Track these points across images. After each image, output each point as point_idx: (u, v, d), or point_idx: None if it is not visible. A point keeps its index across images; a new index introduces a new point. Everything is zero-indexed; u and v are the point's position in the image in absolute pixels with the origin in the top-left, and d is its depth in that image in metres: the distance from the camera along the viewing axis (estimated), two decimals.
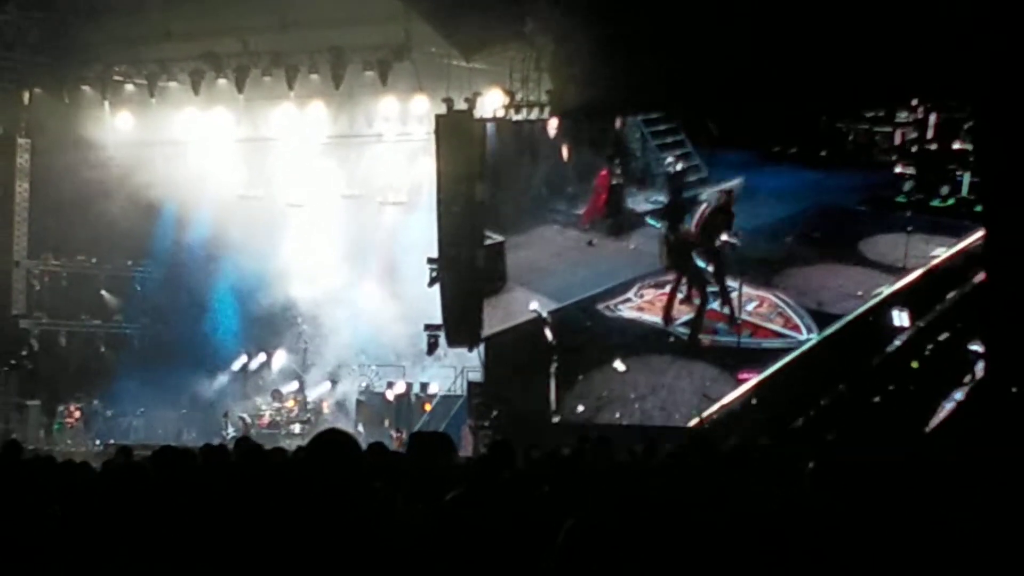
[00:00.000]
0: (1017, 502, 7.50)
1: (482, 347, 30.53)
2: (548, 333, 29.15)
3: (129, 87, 38.60)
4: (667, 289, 28.56)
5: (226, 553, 7.27)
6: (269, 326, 39.29)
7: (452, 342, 32.13)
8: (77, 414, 36.92)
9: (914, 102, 26.17)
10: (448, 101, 32.24)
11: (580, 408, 28.88)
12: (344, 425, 33.76)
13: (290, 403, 37.67)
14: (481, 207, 30.39)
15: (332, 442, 6.40)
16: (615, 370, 28.69)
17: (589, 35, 28.00)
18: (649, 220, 28.93)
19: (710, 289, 28.13)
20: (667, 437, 17.09)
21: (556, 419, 28.99)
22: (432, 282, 31.76)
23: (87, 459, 14.79)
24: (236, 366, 39.26)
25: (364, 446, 9.24)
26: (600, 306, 29.25)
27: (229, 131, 38.71)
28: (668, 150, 28.68)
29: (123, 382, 37.77)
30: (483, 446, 25.83)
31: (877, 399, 25.14)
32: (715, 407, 27.17)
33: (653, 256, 28.79)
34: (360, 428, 34.64)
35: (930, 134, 26.01)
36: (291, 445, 23.19)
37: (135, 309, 39.99)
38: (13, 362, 37.59)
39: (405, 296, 35.99)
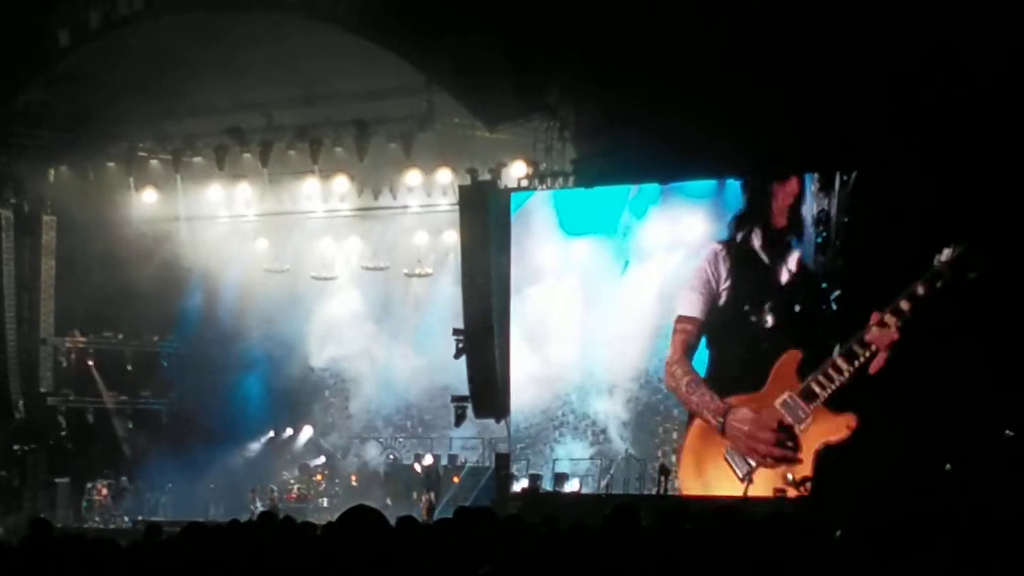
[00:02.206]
0: None
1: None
2: None
3: (154, 163, 38.76)
4: None
5: None
6: (296, 400, 39.23)
7: (480, 414, 32.06)
8: (104, 491, 36.80)
9: None
10: (472, 172, 32.35)
11: None
12: (373, 498, 33.64)
13: (318, 477, 37.55)
14: (507, 278, 30.36)
15: (360, 518, 6.32)
16: None
17: (611, 103, 28.10)
18: None
19: None
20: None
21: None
22: (459, 354, 31.75)
23: (116, 537, 14.72)
24: (263, 440, 39.16)
25: (393, 520, 9.17)
26: None
27: (254, 205, 38.81)
28: None
29: (151, 458, 37.70)
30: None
31: None
32: None
33: None
34: (388, 501, 34.48)
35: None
36: (320, 519, 23.09)
37: (162, 385, 39.93)
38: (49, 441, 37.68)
39: (432, 367, 35.94)
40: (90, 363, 38.94)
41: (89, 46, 34.39)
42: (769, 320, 27.87)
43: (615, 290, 29.48)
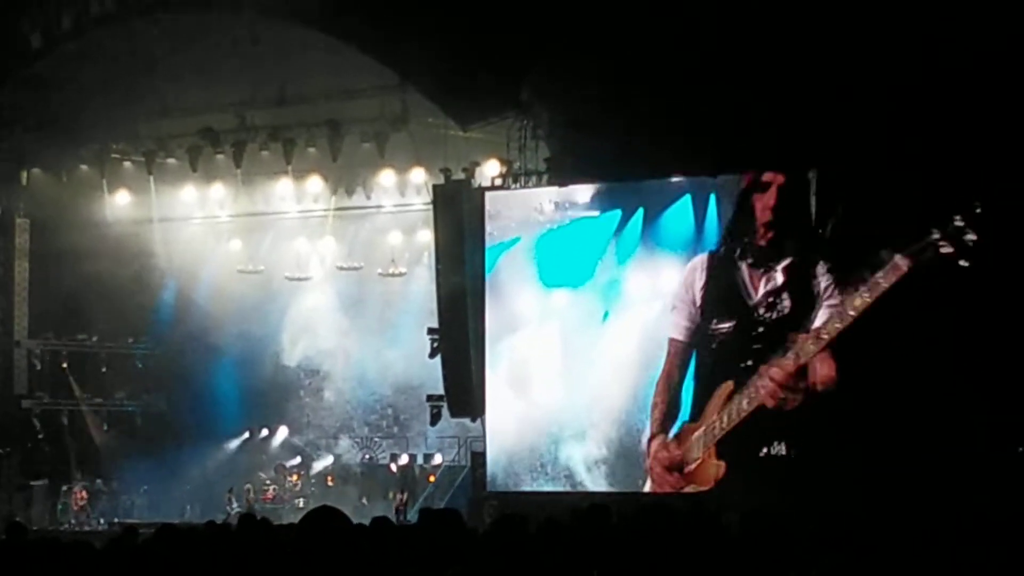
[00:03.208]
0: None
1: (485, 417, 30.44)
2: None
3: (127, 165, 38.71)
4: None
5: None
6: (271, 400, 39.23)
7: (455, 413, 32.08)
8: (84, 495, 36.71)
9: None
10: (446, 171, 32.37)
11: None
12: (348, 498, 33.67)
13: (293, 477, 37.54)
14: (481, 277, 30.34)
15: (323, 520, 6.35)
16: None
17: (585, 101, 28.14)
18: None
19: None
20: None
21: None
22: (434, 353, 31.77)
23: (92, 539, 14.70)
24: (239, 441, 39.13)
25: (368, 520, 9.21)
26: None
27: (227, 206, 38.78)
28: None
29: (126, 460, 37.64)
30: (488, 516, 25.69)
31: None
32: None
33: None
34: (364, 501, 34.51)
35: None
36: (296, 519, 23.11)
37: (136, 386, 39.86)
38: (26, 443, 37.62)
39: (407, 367, 35.98)
40: (64, 365, 38.87)
41: (61, 48, 34.33)
42: (730, 343, 27.16)
43: (595, 340, 28.99)
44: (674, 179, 28.56)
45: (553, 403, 29.34)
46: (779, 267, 26.55)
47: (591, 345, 29.02)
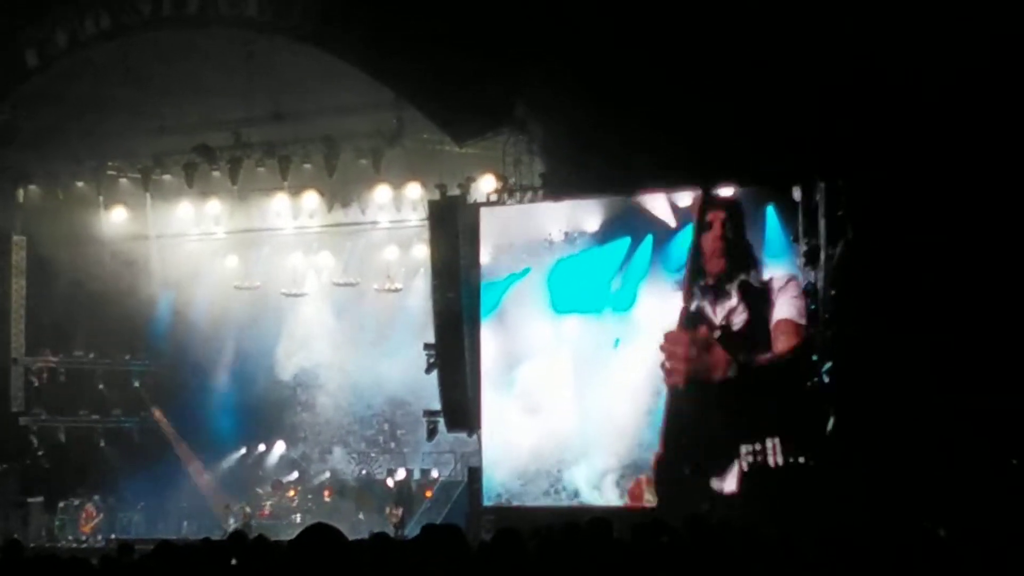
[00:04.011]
0: None
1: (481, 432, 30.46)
2: None
3: (123, 181, 38.76)
4: None
5: None
6: (267, 416, 39.23)
7: (452, 427, 32.10)
8: (92, 511, 36.71)
9: None
10: (441, 187, 32.42)
11: None
12: (345, 513, 33.69)
13: (291, 493, 37.56)
14: (476, 292, 30.39)
15: (318, 537, 6.39)
16: None
17: (579, 116, 28.19)
18: None
19: None
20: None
21: None
22: (430, 368, 31.78)
23: (89, 555, 14.71)
24: (235, 457, 39.15)
25: (366, 535, 9.25)
26: None
27: (224, 223, 38.83)
28: None
29: (123, 477, 37.65)
30: (486, 531, 25.73)
31: None
32: None
33: None
34: (361, 516, 34.53)
35: None
36: (293, 535, 23.11)
37: (133, 403, 39.86)
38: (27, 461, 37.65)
39: (404, 382, 36.01)
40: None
41: (57, 65, 34.36)
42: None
43: (607, 365, 29.03)
44: (681, 205, 28.62)
45: (562, 426, 29.35)
46: (733, 288, 27.54)
47: (602, 370, 29.08)
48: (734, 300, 27.41)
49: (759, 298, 27.21)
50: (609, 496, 28.62)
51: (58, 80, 34.58)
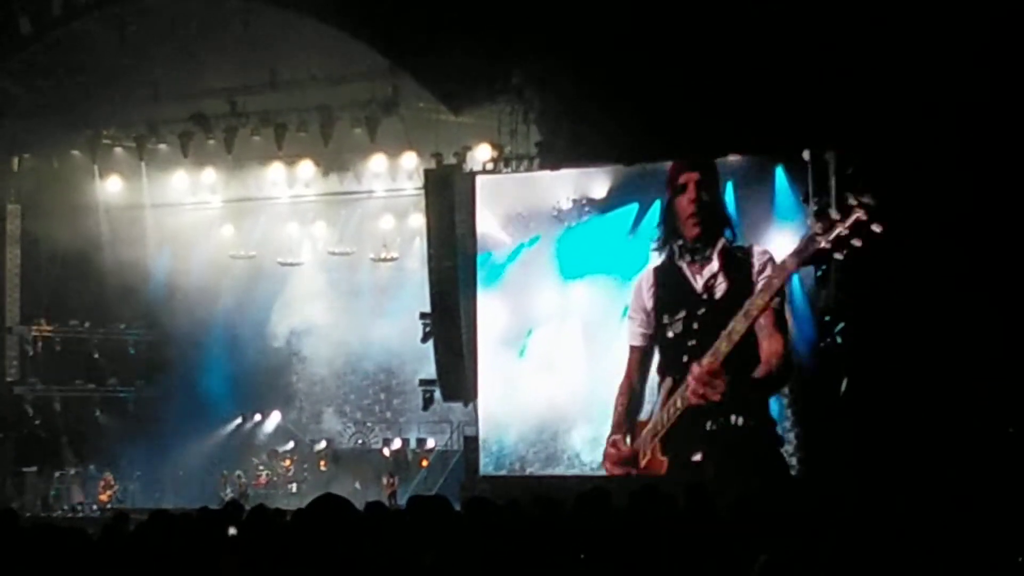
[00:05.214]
0: None
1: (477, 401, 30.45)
2: None
3: (118, 150, 38.65)
4: None
5: None
6: (263, 385, 39.21)
7: (448, 397, 32.11)
8: (111, 479, 36.70)
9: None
10: (437, 156, 32.38)
11: None
12: (342, 483, 33.68)
13: (286, 462, 37.55)
14: (473, 261, 30.36)
15: (328, 507, 6.35)
16: None
17: (576, 85, 28.13)
18: None
19: None
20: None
21: None
22: (426, 337, 31.80)
23: (85, 525, 14.70)
24: (231, 426, 39.14)
25: (362, 504, 9.22)
26: None
27: (219, 192, 38.78)
28: None
29: (119, 446, 37.64)
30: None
31: None
32: None
33: None
34: (357, 485, 34.52)
35: None
36: (289, 504, 23.10)
37: (129, 372, 39.84)
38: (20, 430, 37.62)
39: (399, 351, 36.04)
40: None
41: (51, 34, 34.26)
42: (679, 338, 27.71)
43: (615, 332, 28.92)
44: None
45: (572, 392, 29.38)
46: (714, 253, 27.42)
47: (611, 338, 29.00)
48: (715, 265, 27.35)
49: (741, 266, 27.18)
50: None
51: (53, 48, 34.49)
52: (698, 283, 27.53)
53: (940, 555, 7.90)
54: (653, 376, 28.14)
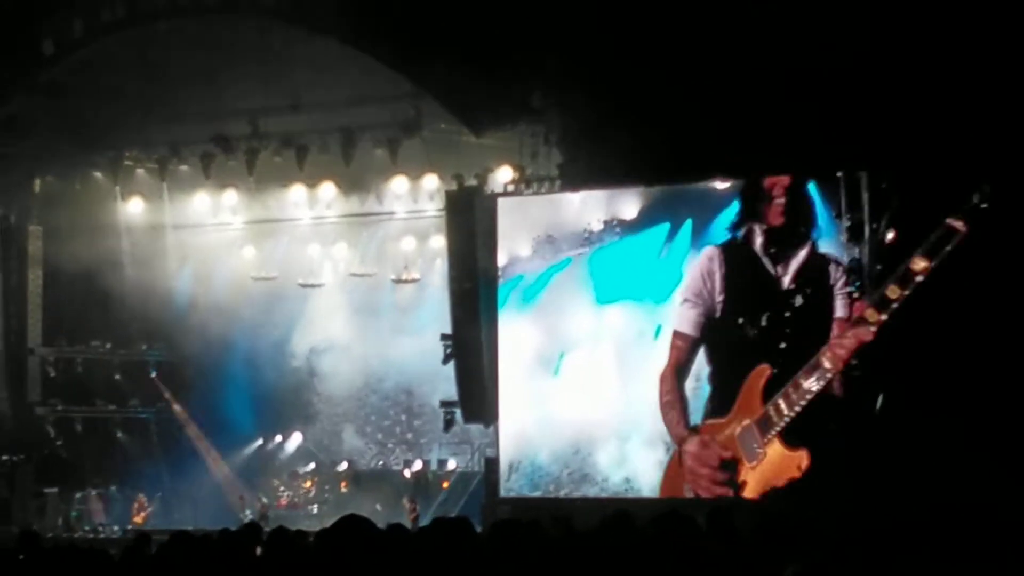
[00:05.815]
0: None
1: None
2: None
3: (140, 171, 38.71)
4: None
5: None
6: (283, 405, 39.22)
7: (468, 419, 32.08)
8: (145, 501, 36.70)
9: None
10: (458, 177, 32.39)
11: None
12: (363, 504, 33.65)
13: (307, 483, 37.54)
14: (494, 283, 30.34)
15: (352, 527, 6.33)
16: None
17: (597, 107, 28.14)
18: None
19: None
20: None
21: None
22: (447, 359, 31.77)
23: (106, 546, 14.70)
24: (252, 447, 39.15)
25: (383, 525, 9.19)
26: None
27: (240, 213, 38.84)
28: None
29: (140, 467, 37.68)
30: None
31: None
32: None
33: None
34: (378, 507, 34.49)
35: None
36: (311, 526, 23.09)
37: (150, 393, 39.86)
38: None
39: (420, 373, 36.02)
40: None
41: (73, 55, 34.37)
42: (761, 330, 27.17)
43: (648, 352, 28.81)
44: (719, 186, 28.51)
45: (605, 413, 29.25)
46: (800, 251, 26.91)
47: (643, 358, 28.91)
48: (798, 263, 26.91)
49: (822, 275, 26.81)
50: (650, 480, 28.52)
51: (74, 70, 34.59)
52: (783, 280, 27.08)
53: (971, 571, 7.85)
54: (700, 366, 27.92)
